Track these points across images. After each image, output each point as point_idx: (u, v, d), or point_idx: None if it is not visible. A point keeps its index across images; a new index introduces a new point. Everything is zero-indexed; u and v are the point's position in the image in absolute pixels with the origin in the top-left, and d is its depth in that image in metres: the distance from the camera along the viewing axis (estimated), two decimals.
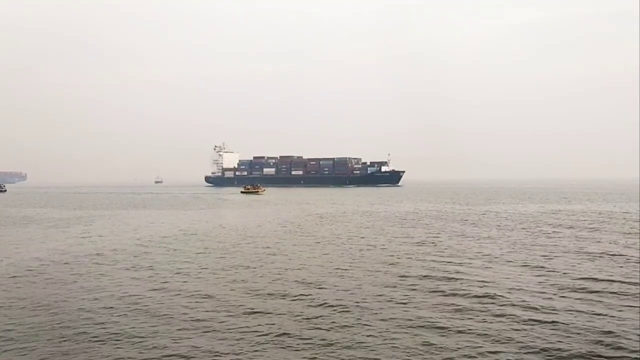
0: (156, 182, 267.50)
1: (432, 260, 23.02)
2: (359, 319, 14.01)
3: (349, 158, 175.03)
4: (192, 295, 17.00)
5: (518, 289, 17.23)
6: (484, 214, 50.30)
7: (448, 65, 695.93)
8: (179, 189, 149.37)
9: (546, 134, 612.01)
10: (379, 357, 11.23)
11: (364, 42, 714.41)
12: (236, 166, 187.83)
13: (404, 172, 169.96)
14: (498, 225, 38.61)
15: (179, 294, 17.14)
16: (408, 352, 11.53)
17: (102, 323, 13.79)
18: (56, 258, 24.60)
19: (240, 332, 12.97)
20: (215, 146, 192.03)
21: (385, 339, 12.35)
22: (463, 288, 17.48)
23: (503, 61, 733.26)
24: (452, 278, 19.12)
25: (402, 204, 69.10)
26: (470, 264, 22.18)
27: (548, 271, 20.26)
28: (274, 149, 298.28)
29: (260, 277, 19.87)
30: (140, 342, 12.33)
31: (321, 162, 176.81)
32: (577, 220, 42.37)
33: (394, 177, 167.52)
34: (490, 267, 21.35)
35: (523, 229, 36.24)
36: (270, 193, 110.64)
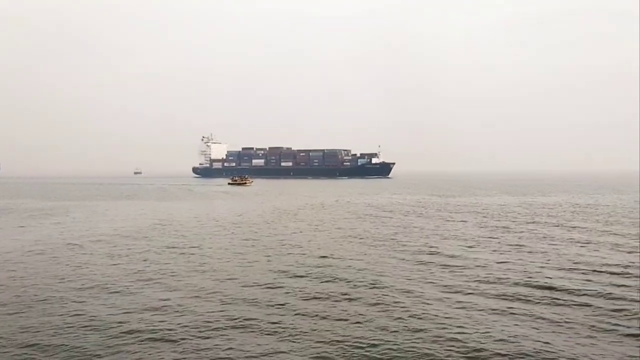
0: (135, 173, 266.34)
1: (414, 248, 23.39)
2: (327, 307, 14.27)
3: (339, 150, 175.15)
4: (165, 284, 17.17)
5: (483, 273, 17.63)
6: (462, 205, 50.89)
7: (441, 61, 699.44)
8: (164, 180, 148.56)
9: (541, 128, 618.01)
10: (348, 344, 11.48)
11: (358, 39, 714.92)
12: (224, 157, 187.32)
13: (394, 164, 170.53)
14: (474, 215, 39.17)
15: (152, 283, 17.29)
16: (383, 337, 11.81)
17: (76, 310, 13.93)
18: (31, 248, 24.58)
19: (207, 316, 13.20)
20: (203, 137, 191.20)
21: (351, 324, 12.63)
22: (439, 274, 17.86)
23: (498, 59, 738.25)
24: (429, 262, 19.49)
25: (389, 195, 69.51)
26: (447, 251, 22.58)
27: (524, 258, 20.73)
28: (263, 141, 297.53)
29: (234, 266, 20.07)
30: (112, 328, 12.49)
31: (311, 154, 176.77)
32: (548, 211, 43.07)
33: (384, 169, 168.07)
34: (464, 253, 21.76)
35: (499, 220, 36.79)
36: (259, 184, 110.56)
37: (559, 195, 67.65)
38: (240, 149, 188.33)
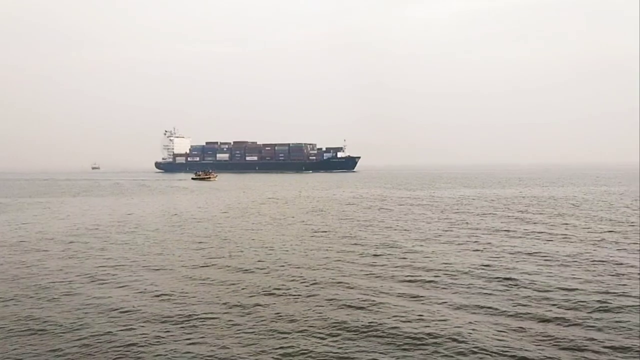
0: (93, 168, 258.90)
1: (371, 242, 23.70)
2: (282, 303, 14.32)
3: (305, 144, 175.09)
4: (118, 282, 16.84)
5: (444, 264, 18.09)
6: (421, 197, 51.94)
7: (399, 55, 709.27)
8: (123, 175, 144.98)
9: (514, 123, 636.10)
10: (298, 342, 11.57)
11: (316, 28, 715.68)
12: (188, 152, 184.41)
13: (359, 158, 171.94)
14: (431, 208, 40.03)
15: (106, 283, 16.93)
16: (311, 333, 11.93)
17: (20, 313, 13.48)
18: None
19: (152, 315, 13.02)
20: (166, 131, 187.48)
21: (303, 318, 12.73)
22: (394, 264, 18.20)
23: (472, 53, 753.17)
24: (382, 255, 19.81)
25: (352, 189, 70.09)
26: (404, 244, 23.00)
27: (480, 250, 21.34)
28: (226, 135, 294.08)
29: (191, 263, 19.87)
30: (59, 335, 12.15)
31: (276, 148, 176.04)
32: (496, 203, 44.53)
33: (349, 163, 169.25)
34: (421, 246, 22.23)
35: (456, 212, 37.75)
36: (223, 179, 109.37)
37: (516, 188, 69.84)
38: (204, 144, 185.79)
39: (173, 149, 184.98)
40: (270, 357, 10.55)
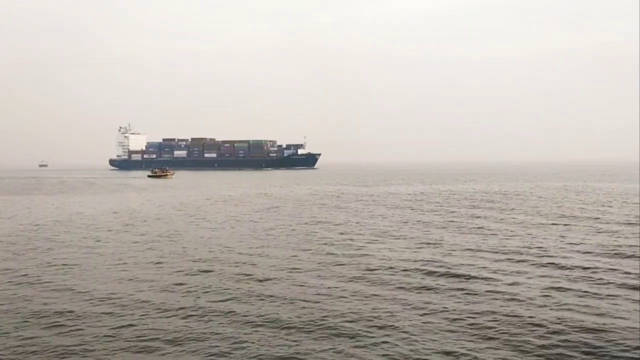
0: (40, 165, 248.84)
1: (330, 239, 24.01)
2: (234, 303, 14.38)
3: (265, 141, 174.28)
4: (59, 284, 16.42)
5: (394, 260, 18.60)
6: (377, 194, 52.95)
7: (355, 54, 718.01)
8: (75, 173, 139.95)
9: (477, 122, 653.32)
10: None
11: (273, 25, 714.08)
12: (144, 149, 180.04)
13: (320, 154, 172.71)
14: (387, 204, 40.92)
15: (36, 284, 16.47)
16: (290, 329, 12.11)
17: None
18: None
19: (102, 323, 12.86)
20: (120, 127, 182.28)
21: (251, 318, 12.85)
22: (350, 261, 18.56)
23: (436, 51, 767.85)
24: (342, 253, 20.13)
25: (310, 186, 70.43)
26: (360, 240, 23.47)
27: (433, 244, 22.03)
28: (184, 132, 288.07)
29: (137, 264, 19.60)
30: None
31: (236, 145, 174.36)
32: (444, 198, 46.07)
33: (310, 160, 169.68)
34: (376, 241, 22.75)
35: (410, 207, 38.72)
36: (181, 177, 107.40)
37: (470, 184, 72.07)
38: (161, 140, 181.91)
39: (128, 145, 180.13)
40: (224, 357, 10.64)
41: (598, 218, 31.18)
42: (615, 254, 20.08)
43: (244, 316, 12.87)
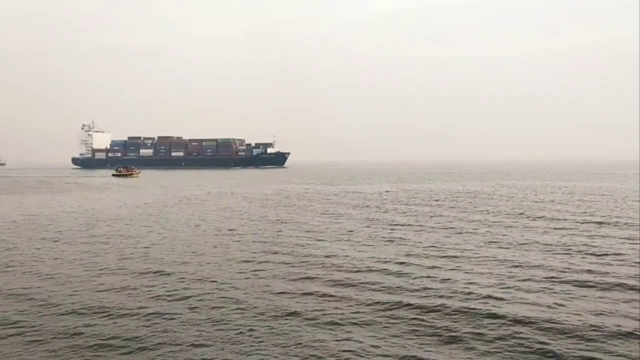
0: None
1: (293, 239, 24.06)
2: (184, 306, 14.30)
3: (234, 139, 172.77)
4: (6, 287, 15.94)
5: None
6: (339, 193, 53.41)
7: (320, 53, 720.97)
8: (34, 172, 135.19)
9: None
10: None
11: (239, 19, 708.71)
12: (108, 147, 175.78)
13: (289, 153, 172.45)
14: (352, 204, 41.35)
15: None
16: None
17: None
18: None
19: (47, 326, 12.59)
20: (84, 125, 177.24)
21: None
22: (308, 262, 18.71)
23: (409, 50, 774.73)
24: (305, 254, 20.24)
25: (277, 185, 70.36)
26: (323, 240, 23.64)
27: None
28: (150, 130, 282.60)
29: (88, 267, 19.25)
30: None
31: (203, 144, 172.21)
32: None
33: (279, 159, 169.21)
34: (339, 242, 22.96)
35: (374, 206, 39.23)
36: (146, 176, 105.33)
37: (434, 183, 73.46)
38: (127, 138, 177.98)
39: (92, 144, 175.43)
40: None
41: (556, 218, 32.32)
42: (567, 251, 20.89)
43: (204, 318, 12.79)
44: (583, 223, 28.97)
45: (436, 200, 44.37)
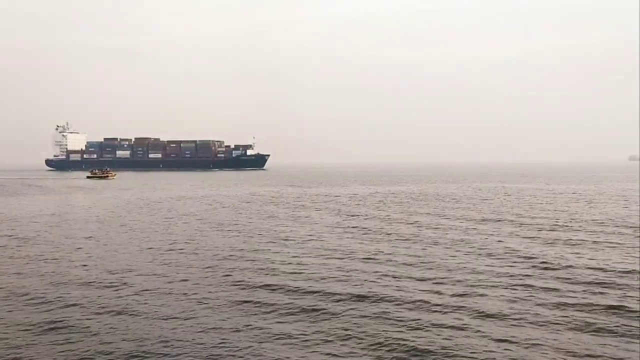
0: None
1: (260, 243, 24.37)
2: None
3: (213, 141, 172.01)
4: None
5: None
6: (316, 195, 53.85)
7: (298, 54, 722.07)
8: (5, 174, 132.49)
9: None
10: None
11: (218, 21, 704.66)
12: (84, 148, 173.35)
13: (269, 155, 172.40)
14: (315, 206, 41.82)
15: None
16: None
17: None
18: None
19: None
20: (58, 126, 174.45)
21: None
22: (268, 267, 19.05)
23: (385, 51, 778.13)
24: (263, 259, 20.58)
25: (252, 187, 70.43)
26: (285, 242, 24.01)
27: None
28: (126, 131, 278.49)
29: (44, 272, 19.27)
30: None
31: (182, 145, 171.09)
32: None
33: (259, 161, 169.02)
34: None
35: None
36: (123, 178, 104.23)
37: (406, 185, 74.41)
38: (103, 140, 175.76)
39: (67, 145, 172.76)
40: None
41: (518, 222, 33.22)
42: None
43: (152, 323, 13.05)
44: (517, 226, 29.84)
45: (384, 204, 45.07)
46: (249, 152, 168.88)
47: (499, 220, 31.48)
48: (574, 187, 66.06)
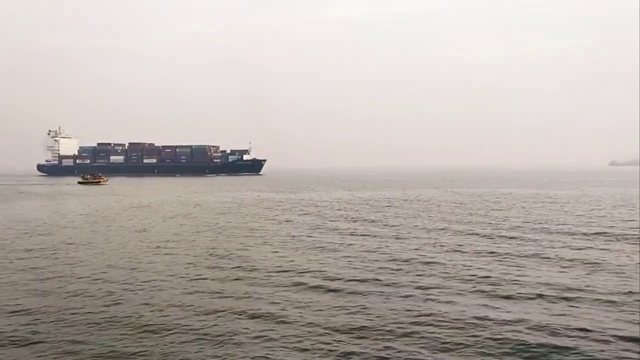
0: None
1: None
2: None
3: (208, 146, 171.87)
4: None
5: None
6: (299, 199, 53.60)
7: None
8: None
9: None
10: None
11: (205, 23, 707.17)
12: (76, 153, 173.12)
13: (265, 160, 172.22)
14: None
15: None
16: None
17: None
18: None
19: None
20: (50, 131, 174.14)
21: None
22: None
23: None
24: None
25: (236, 193, 70.16)
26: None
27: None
28: (120, 136, 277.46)
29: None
30: None
31: (177, 150, 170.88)
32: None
33: (255, 166, 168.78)
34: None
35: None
36: (116, 183, 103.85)
37: (385, 190, 74.18)
38: (96, 145, 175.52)
39: (59, 150, 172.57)
40: None
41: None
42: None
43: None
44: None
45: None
46: (245, 157, 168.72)
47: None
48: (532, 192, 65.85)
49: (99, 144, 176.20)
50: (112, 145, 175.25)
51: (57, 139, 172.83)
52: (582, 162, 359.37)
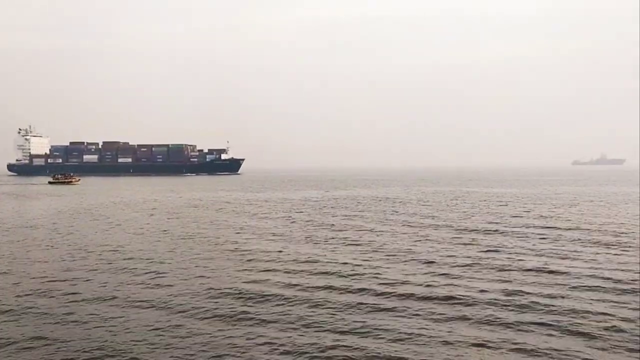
0: None
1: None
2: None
3: (185, 145, 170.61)
4: None
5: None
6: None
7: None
8: None
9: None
10: None
11: (182, 23, 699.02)
12: (48, 152, 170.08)
13: (243, 160, 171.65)
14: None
15: None
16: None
17: None
18: None
19: None
20: (20, 129, 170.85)
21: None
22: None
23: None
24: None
25: (206, 192, 69.96)
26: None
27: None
28: (93, 136, 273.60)
29: None
30: None
31: (153, 149, 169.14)
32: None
33: (233, 166, 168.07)
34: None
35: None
36: (89, 183, 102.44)
37: (359, 190, 74.77)
38: (68, 144, 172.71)
39: (29, 149, 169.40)
40: None
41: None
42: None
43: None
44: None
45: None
46: (223, 156, 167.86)
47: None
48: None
49: (71, 142, 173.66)
50: (85, 144, 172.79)
51: (27, 137, 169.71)
52: (550, 163, 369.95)
